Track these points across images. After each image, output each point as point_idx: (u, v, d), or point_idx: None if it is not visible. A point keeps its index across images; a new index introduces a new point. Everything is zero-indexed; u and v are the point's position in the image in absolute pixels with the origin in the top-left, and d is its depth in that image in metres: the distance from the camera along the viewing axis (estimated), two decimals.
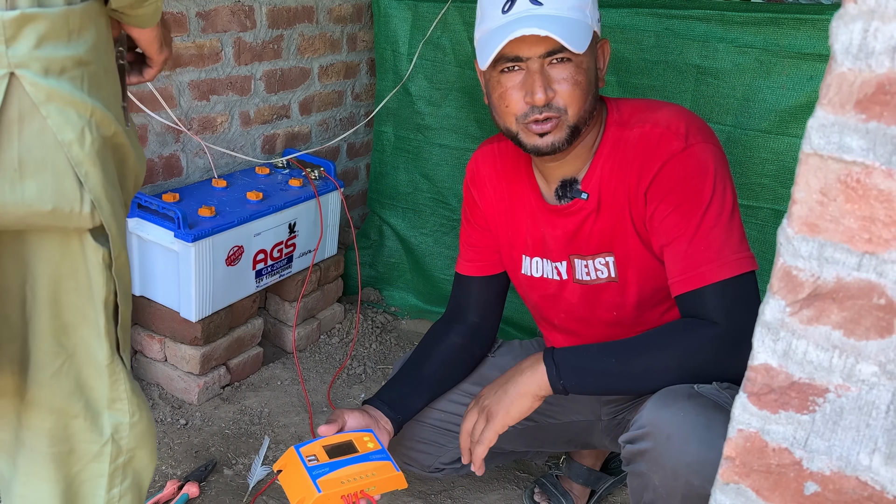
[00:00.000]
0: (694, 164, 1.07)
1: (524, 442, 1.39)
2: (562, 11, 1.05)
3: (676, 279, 1.08)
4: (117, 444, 0.89)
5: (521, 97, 1.09)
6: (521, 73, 1.09)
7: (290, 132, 2.20)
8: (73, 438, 0.87)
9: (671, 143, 1.08)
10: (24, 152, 0.70)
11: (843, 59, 0.50)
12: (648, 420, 0.99)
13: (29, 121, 0.70)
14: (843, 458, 0.58)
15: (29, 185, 0.71)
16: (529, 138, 1.11)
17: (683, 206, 1.07)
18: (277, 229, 1.87)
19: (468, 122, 2.13)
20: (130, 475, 0.92)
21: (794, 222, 0.55)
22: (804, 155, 0.53)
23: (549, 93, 1.07)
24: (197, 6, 1.80)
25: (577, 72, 1.07)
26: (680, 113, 1.12)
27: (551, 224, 1.23)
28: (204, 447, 1.67)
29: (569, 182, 1.19)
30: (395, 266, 2.39)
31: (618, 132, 1.15)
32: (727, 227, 1.06)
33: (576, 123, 1.10)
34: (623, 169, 1.13)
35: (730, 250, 1.04)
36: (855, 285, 0.54)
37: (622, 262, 1.18)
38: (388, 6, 2.17)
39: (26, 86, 0.69)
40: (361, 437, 1.17)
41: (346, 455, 1.13)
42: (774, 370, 0.59)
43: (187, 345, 1.77)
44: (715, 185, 1.06)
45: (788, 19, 1.59)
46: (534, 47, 1.05)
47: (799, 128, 1.64)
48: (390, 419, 1.25)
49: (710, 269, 1.04)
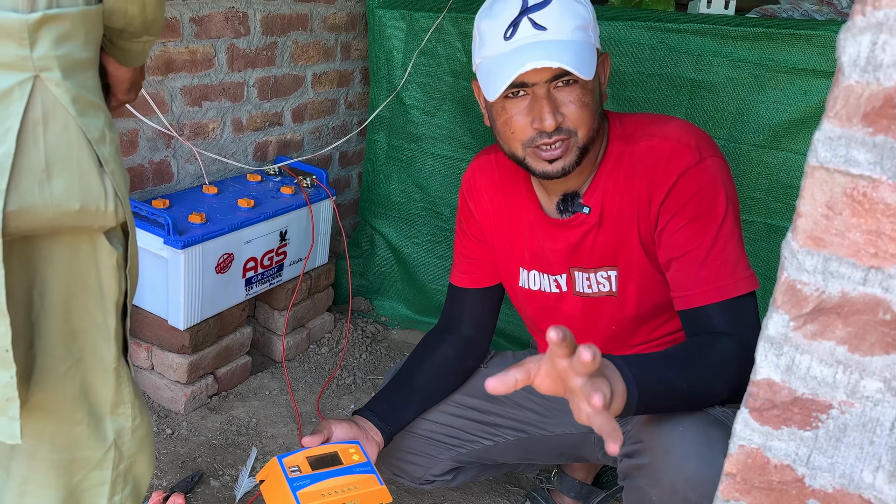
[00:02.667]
0: (708, 178, 1.06)
1: (516, 454, 1.38)
2: (566, 35, 1.02)
3: (686, 293, 1.06)
4: (119, 450, 0.88)
5: (527, 123, 1.06)
6: (526, 99, 1.06)
7: (282, 139, 2.18)
8: (75, 445, 0.85)
9: (685, 157, 1.07)
10: (50, 152, 0.71)
11: (850, 72, 0.49)
12: (646, 434, 0.97)
13: (53, 121, 0.70)
14: (847, 475, 0.58)
15: (56, 185, 0.71)
16: (538, 164, 1.08)
17: (698, 221, 1.05)
18: (268, 237, 1.85)
19: (462, 132, 2.13)
20: (131, 482, 0.90)
21: (798, 236, 0.54)
22: (810, 168, 0.52)
23: (559, 117, 1.04)
24: (191, 11, 1.79)
25: (583, 93, 1.05)
26: (688, 126, 1.11)
27: (552, 237, 1.21)
28: (190, 457, 1.64)
29: (570, 196, 1.17)
30: (386, 276, 2.38)
31: (622, 146, 1.13)
32: (738, 243, 1.05)
33: (585, 144, 1.08)
34: (630, 182, 1.12)
35: (742, 266, 1.04)
36: (860, 300, 0.53)
37: (624, 276, 1.16)
38: (383, 15, 2.16)
39: (51, 87, 0.70)
40: (347, 448, 1.15)
41: (329, 467, 1.11)
42: (777, 385, 0.58)
43: (175, 353, 1.75)
44: (728, 199, 1.05)
45: (783, 34, 1.60)
46: (540, 73, 1.02)
47: (792, 142, 1.65)
48: (380, 430, 1.24)
49: (725, 285, 1.03)
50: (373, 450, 1.21)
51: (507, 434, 1.35)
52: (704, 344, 1.00)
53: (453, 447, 1.34)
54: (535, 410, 1.35)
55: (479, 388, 1.36)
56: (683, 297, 1.06)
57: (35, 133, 0.69)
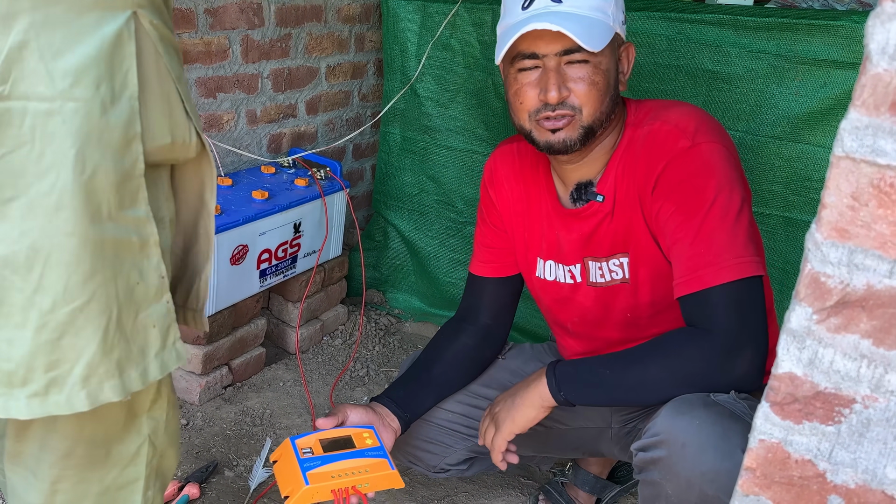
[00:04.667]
0: (699, 162, 1.05)
1: (533, 447, 1.37)
2: (581, 10, 1.04)
3: (678, 281, 1.06)
4: (153, 445, 0.85)
5: (535, 94, 1.08)
6: (537, 72, 1.08)
7: (296, 131, 2.18)
8: (111, 440, 0.82)
9: (677, 141, 1.07)
10: (147, 89, 0.71)
11: (878, 60, 0.48)
12: (663, 428, 0.97)
13: (146, 56, 0.71)
14: (869, 471, 0.57)
15: (154, 121, 0.73)
16: (542, 135, 1.10)
17: (686, 206, 1.05)
18: (282, 229, 1.86)
19: (476, 124, 2.11)
20: (161, 476, 0.89)
21: (823, 227, 0.53)
22: (835, 158, 0.51)
23: (564, 91, 1.06)
24: (205, 3, 1.79)
25: (594, 72, 1.06)
26: (691, 111, 1.11)
27: (566, 227, 1.22)
28: (205, 448, 1.65)
29: (584, 185, 1.18)
30: (399, 268, 2.37)
31: (632, 132, 1.14)
32: (732, 229, 1.02)
33: (590, 124, 1.08)
34: (633, 167, 1.12)
35: (731, 254, 1.01)
36: (886, 293, 0.52)
37: (635, 262, 1.16)
38: (397, 6, 2.16)
39: (145, 24, 0.70)
40: (361, 433, 1.15)
41: (341, 450, 1.11)
42: (799, 379, 0.57)
43: (189, 344, 1.75)
44: (720, 185, 1.04)
45: (802, 25, 1.57)
46: (550, 44, 1.05)
47: (812, 135, 1.63)
48: (398, 417, 1.24)
49: (708, 273, 1.02)
50: (389, 436, 1.21)
51: None
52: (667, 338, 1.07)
53: (469, 437, 1.34)
54: None
55: (497, 379, 1.36)
56: (676, 285, 1.07)
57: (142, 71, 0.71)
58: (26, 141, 0.64)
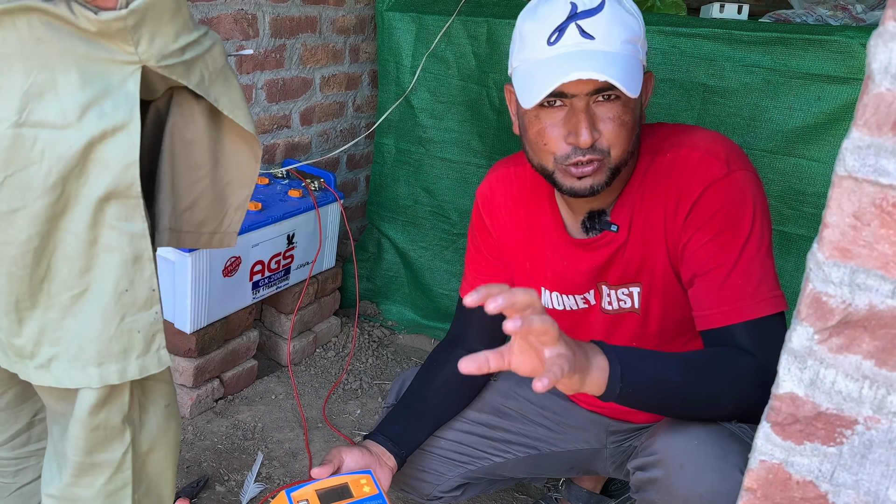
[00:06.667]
0: (736, 191, 0.99)
1: (526, 470, 1.34)
2: (614, 47, 0.95)
3: (707, 313, 1.00)
4: (135, 451, 0.90)
5: (561, 136, 0.99)
6: (563, 110, 0.99)
7: (290, 142, 2.18)
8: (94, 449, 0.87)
9: (712, 168, 1.01)
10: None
11: (881, 79, 0.48)
12: (661, 447, 0.95)
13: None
14: (872, 493, 0.56)
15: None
16: (567, 180, 1.02)
17: (722, 236, 0.99)
18: (276, 240, 1.85)
19: (470, 136, 2.11)
20: (145, 481, 0.93)
21: (825, 247, 0.52)
22: (837, 177, 0.51)
23: (595, 134, 0.97)
24: (199, 13, 1.78)
25: (624, 111, 0.98)
26: (718, 137, 1.06)
27: (576, 258, 1.15)
28: (196, 462, 1.63)
29: (597, 213, 1.11)
30: (393, 280, 2.36)
31: (649, 159, 1.07)
32: (764, 261, 0.99)
33: (618, 165, 1.01)
34: (657, 195, 1.06)
35: (767, 287, 0.98)
36: (889, 313, 0.51)
37: (648, 293, 1.12)
38: (392, 18, 2.16)
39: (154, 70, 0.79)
40: (358, 479, 1.11)
41: (338, 501, 1.07)
42: (801, 399, 0.56)
43: (181, 356, 1.74)
44: (755, 215, 0.99)
45: (797, 39, 1.58)
46: (582, 85, 0.95)
47: (806, 149, 1.63)
48: (393, 454, 1.19)
49: (746, 306, 0.97)
50: (386, 476, 1.16)
51: (518, 451, 1.32)
52: (720, 353, 0.97)
53: (463, 464, 1.31)
54: (546, 426, 1.32)
55: (490, 404, 1.33)
56: (703, 316, 1.01)
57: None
58: (35, 161, 0.74)
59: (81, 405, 0.84)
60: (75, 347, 0.81)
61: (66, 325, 0.80)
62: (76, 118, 0.74)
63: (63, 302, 0.79)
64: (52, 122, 0.74)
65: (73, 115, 0.74)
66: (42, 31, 0.72)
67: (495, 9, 2.01)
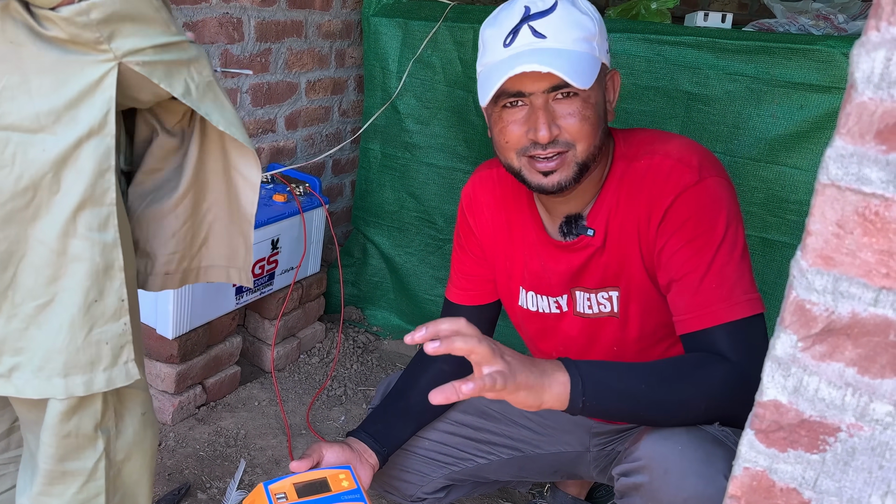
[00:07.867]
0: (707, 197, 1.02)
1: (510, 472, 1.35)
2: (566, 44, 0.99)
3: (684, 317, 1.03)
4: (109, 459, 0.89)
5: (522, 132, 1.03)
6: (524, 109, 1.03)
7: (275, 147, 2.16)
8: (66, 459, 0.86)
9: (684, 176, 1.03)
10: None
11: (863, 89, 0.48)
12: (645, 452, 0.96)
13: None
14: (855, 500, 0.56)
15: None
16: (533, 176, 1.05)
17: (696, 242, 1.02)
18: (260, 245, 1.83)
19: (456, 141, 2.11)
20: (119, 490, 0.92)
21: (808, 255, 0.53)
22: (820, 185, 0.51)
23: (554, 129, 1.01)
24: (185, 17, 1.77)
25: (584, 106, 1.01)
26: (691, 145, 1.08)
27: (554, 259, 1.18)
28: (177, 469, 1.61)
29: (574, 218, 1.14)
30: (378, 285, 2.36)
31: (624, 165, 1.10)
32: (739, 265, 1.01)
33: (584, 160, 1.04)
34: (632, 202, 1.09)
35: (741, 290, 1.00)
36: (871, 321, 0.52)
37: (626, 297, 1.13)
38: (378, 23, 2.15)
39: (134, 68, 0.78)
40: (337, 474, 1.11)
41: (316, 494, 1.07)
42: (784, 407, 0.56)
43: (163, 363, 1.72)
44: (728, 220, 1.02)
45: (779, 48, 1.60)
46: (537, 82, 1.00)
47: (788, 157, 1.65)
48: (375, 452, 1.19)
49: (720, 309, 0.99)
50: (366, 473, 1.17)
51: (502, 452, 1.32)
52: (689, 359, 0.99)
53: (447, 465, 1.31)
54: (530, 428, 1.32)
55: (474, 405, 1.34)
56: (680, 321, 1.03)
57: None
58: (6, 164, 0.73)
59: (51, 413, 0.83)
60: (40, 358, 0.79)
61: (30, 334, 0.79)
62: (50, 122, 0.73)
63: (27, 311, 0.78)
64: (26, 126, 0.73)
65: (46, 119, 0.73)
66: (16, 33, 0.71)
67: (481, 15, 2.02)
